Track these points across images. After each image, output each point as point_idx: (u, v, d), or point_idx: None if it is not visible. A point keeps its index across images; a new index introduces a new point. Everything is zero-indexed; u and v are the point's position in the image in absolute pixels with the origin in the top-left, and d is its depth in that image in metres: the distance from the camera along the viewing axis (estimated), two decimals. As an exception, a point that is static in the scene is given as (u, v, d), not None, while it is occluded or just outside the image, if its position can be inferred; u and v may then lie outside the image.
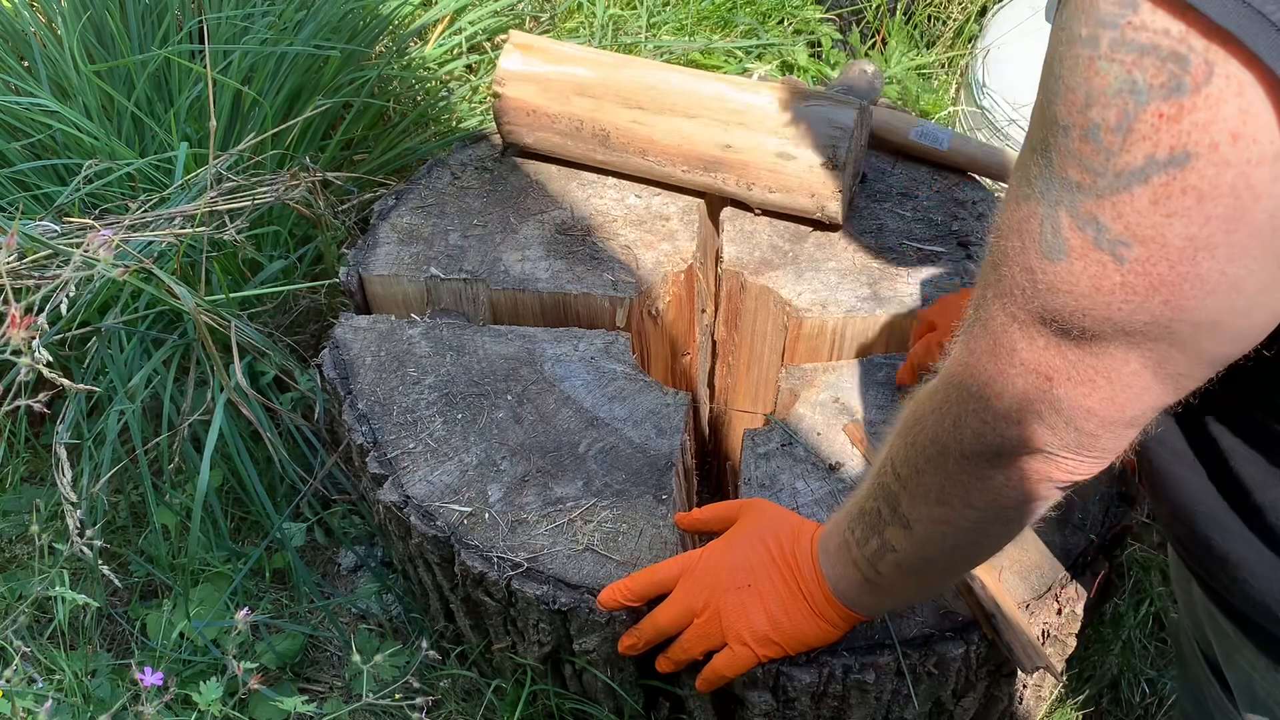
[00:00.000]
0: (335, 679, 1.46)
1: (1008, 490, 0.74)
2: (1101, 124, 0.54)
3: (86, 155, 1.65)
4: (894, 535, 0.84)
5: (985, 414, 0.70)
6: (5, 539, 1.59)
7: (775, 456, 1.17)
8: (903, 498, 0.81)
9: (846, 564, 0.90)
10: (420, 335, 1.29)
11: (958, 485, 0.76)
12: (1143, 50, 0.51)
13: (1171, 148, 0.52)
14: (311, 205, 1.54)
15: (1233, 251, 0.54)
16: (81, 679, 1.33)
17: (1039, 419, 0.67)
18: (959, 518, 0.78)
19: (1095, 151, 0.54)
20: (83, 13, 1.80)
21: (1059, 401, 0.65)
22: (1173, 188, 0.53)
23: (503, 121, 1.45)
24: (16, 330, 0.95)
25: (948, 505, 0.78)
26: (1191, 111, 0.51)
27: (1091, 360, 0.62)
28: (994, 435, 0.70)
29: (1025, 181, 0.60)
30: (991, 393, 0.69)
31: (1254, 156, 0.51)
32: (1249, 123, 0.50)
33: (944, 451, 0.75)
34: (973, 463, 0.73)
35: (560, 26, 2.40)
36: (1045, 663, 1.01)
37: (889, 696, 1.06)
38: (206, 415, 1.45)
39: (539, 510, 1.12)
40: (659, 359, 1.42)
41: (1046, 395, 0.66)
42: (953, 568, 0.90)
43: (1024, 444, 0.69)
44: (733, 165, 1.35)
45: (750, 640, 0.96)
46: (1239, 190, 0.52)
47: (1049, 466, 0.70)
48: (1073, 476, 0.71)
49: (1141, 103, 0.52)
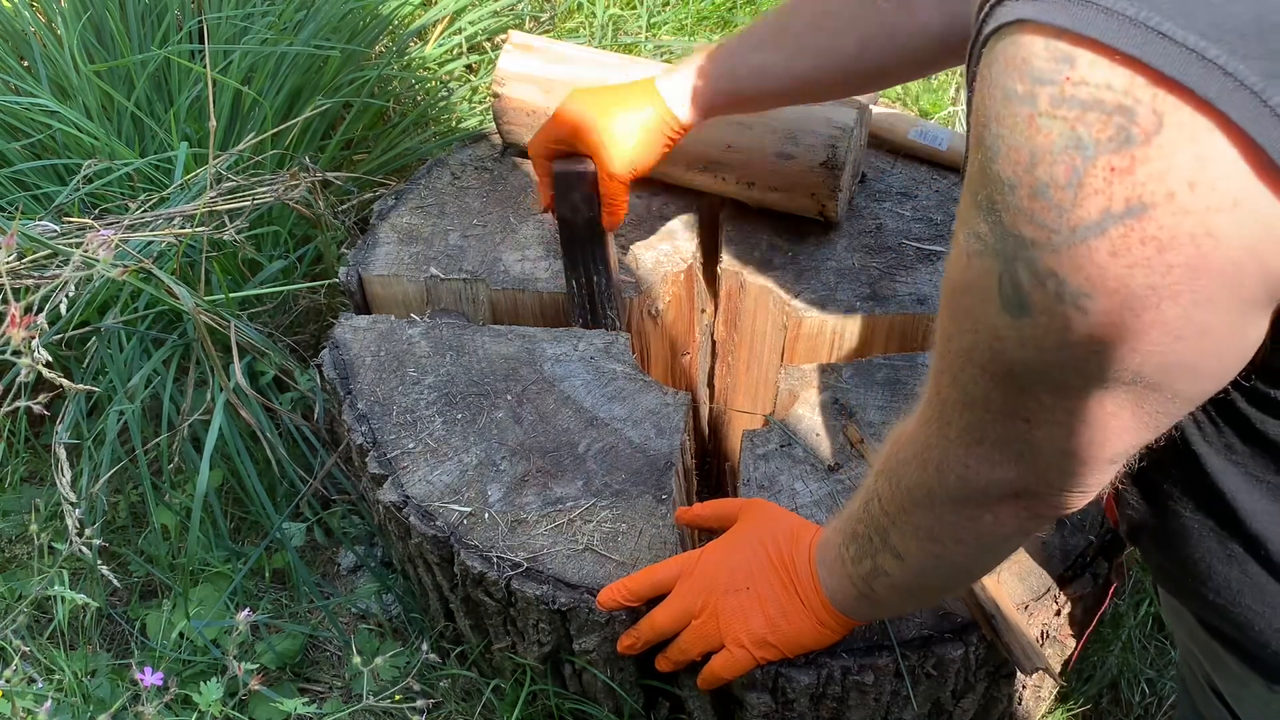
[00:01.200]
0: (335, 679, 1.46)
1: (996, 528, 0.75)
2: (1050, 181, 0.52)
3: (86, 155, 1.65)
4: (886, 562, 0.84)
5: (967, 459, 0.70)
6: (5, 539, 1.59)
7: (774, 457, 1.17)
8: (892, 532, 0.82)
9: (842, 577, 0.90)
10: (420, 335, 1.29)
11: (946, 525, 0.77)
12: (1085, 105, 0.50)
13: (1127, 200, 0.51)
14: (311, 205, 1.54)
15: (1198, 297, 0.53)
16: (81, 679, 1.33)
17: (1020, 461, 0.67)
18: (950, 553, 0.79)
19: (1046, 208, 0.53)
20: (83, 13, 1.80)
21: (1039, 444, 0.65)
22: (1131, 239, 0.51)
23: (502, 121, 1.45)
24: (16, 330, 0.95)
25: (938, 542, 0.79)
26: (1144, 163, 0.50)
27: (1066, 404, 0.62)
28: (977, 480, 0.71)
29: (975, 237, 0.59)
30: (971, 439, 0.69)
31: (1213, 203, 0.50)
32: (1206, 169, 0.49)
33: (930, 495, 0.75)
34: (959, 505, 0.74)
35: (560, 26, 2.40)
36: (1044, 664, 1.01)
37: (888, 698, 1.06)
38: (206, 415, 1.45)
39: (539, 510, 1.12)
40: (659, 359, 1.42)
41: (1025, 437, 0.65)
42: (947, 588, 0.92)
43: (1008, 486, 0.70)
44: (733, 165, 1.35)
45: (748, 643, 0.96)
46: (1199, 238, 0.50)
47: (1035, 504, 0.71)
48: (1060, 512, 0.72)
49: (1089, 157, 0.51)
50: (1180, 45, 0.47)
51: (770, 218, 1.40)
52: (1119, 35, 0.48)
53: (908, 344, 1.31)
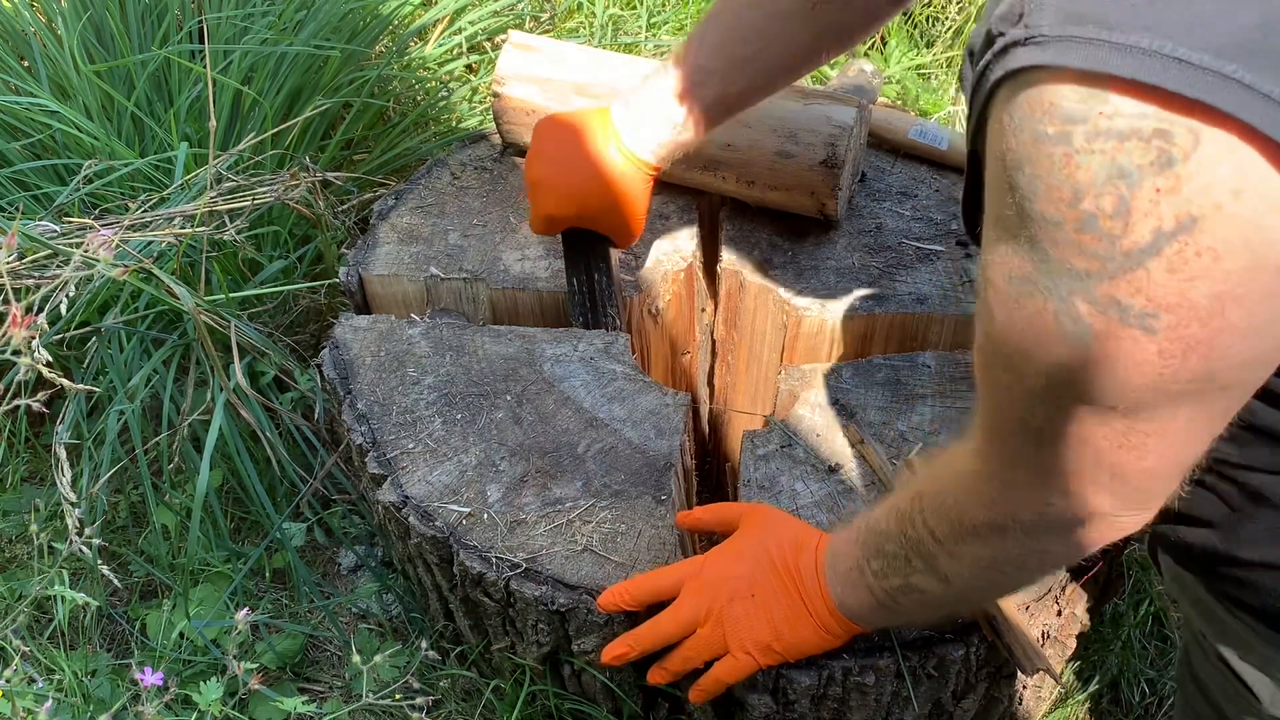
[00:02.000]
0: (335, 679, 1.46)
1: (1065, 553, 0.76)
2: (1097, 213, 0.54)
3: (86, 155, 1.65)
4: (924, 582, 0.84)
5: (1048, 498, 0.71)
6: (5, 539, 1.59)
7: (775, 458, 1.17)
8: (941, 558, 0.82)
9: (860, 588, 0.90)
10: (420, 335, 1.29)
11: (1013, 557, 0.77)
12: (1123, 136, 0.52)
13: (1177, 217, 0.52)
14: (311, 205, 1.54)
15: (1260, 296, 0.55)
16: (81, 679, 1.33)
17: (1099, 487, 0.68)
18: (1009, 579, 0.81)
19: (1097, 239, 0.55)
20: (83, 13, 1.80)
21: (1118, 469, 0.66)
22: (1187, 253, 0.53)
23: (502, 121, 1.45)
24: (17, 330, 0.95)
25: (998, 570, 0.80)
26: (1189, 180, 0.51)
27: (1142, 426, 0.63)
28: (1057, 515, 0.71)
29: (1019, 280, 0.60)
30: (1047, 478, 0.69)
31: (1260, 206, 0.52)
32: (1246, 175, 0.51)
33: (1002, 531, 0.76)
34: (1034, 538, 0.74)
35: (560, 26, 2.40)
36: (1045, 665, 1.01)
37: (889, 698, 1.06)
38: (206, 415, 1.45)
39: (538, 511, 1.12)
40: (659, 359, 1.42)
41: (1102, 464, 0.66)
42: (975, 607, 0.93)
43: (1087, 513, 0.70)
44: (733, 164, 1.34)
45: (753, 649, 0.96)
46: (1252, 241, 0.52)
47: (1107, 528, 0.72)
48: (1132, 530, 0.72)
49: (1134, 183, 0.52)
50: (1198, 68, 0.50)
51: (770, 217, 1.40)
52: (1139, 68, 0.50)
53: (908, 344, 1.31)
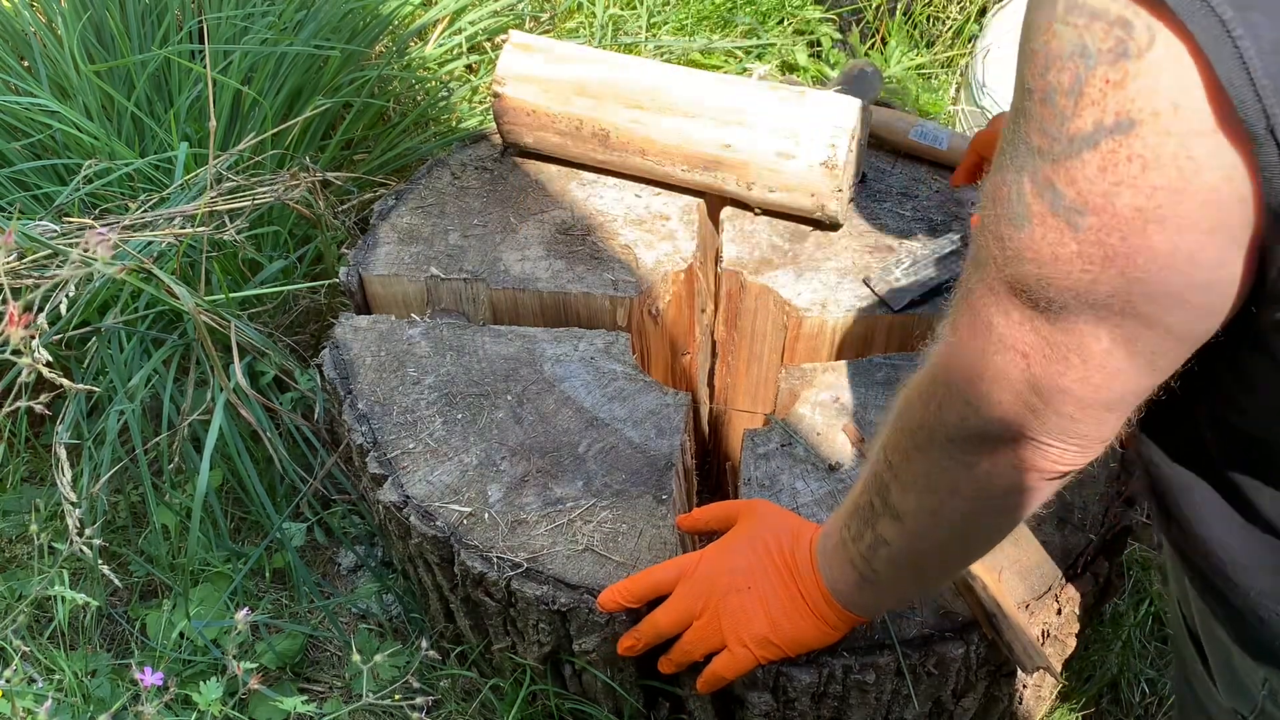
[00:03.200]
0: (335, 679, 1.46)
1: (994, 479, 0.73)
2: (1057, 87, 0.55)
3: (86, 155, 1.65)
4: (886, 528, 0.83)
5: (968, 394, 0.69)
6: (5, 539, 1.59)
7: (775, 456, 1.17)
8: (893, 487, 0.80)
9: (843, 562, 0.90)
10: (420, 335, 1.29)
11: (944, 473, 0.75)
12: (1093, 14, 0.53)
13: (1117, 113, 0.53)
14: (311, 205, 1.54)
15: (1182, 224, 0.55)
16: (81, 679, 1.33)
17: (1019, 400, 0.67)
18: (947, 508, 0.78)
19: (1052, 115, 0.56)
20: (83, 13, 1.80)
21: (1037, 381, 0.65)
22: (1119, 155, 0.54)
23: (503, 121, 1.45)
24: (16, 329, 0.95)
25: (935, 494, 0.77)
26: (1135, 77, 0.52)
27: (1063, 337, 0.62)
28: (976, 418, 0.70)
29: (1002, 149, 0.61)
30: (973, 372, 0.68)
31: (1194, 128, 0.52)
32: (1188, 92, 0.51)
33: (930, 437, 0.74)
34: (958, 448, 0.73)
35: (560, 26, 2.40)
36: (1045, 663, 1.01)
37: (889, 696, 1.06)
38: (206, 415, 1.45)
39: (539, 510, 1.12)
40: (659, 359, 1.42)
41: (1025, 374, 0.65)
42: (946, 563, 0.89)
43: (1006, 428, 0.69)
44: (733, 165, 1.35)
45: (750, 642, 0.96)
46: (1181, 161, 0.53)
47: (1034, 455, 0.70)
48: (1058, 466, 0.70)
49: (1090, 66, 0.53)
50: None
51: (770, 218, 1.40)
52: None
53: (908, 344, 1.31)
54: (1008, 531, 0.82)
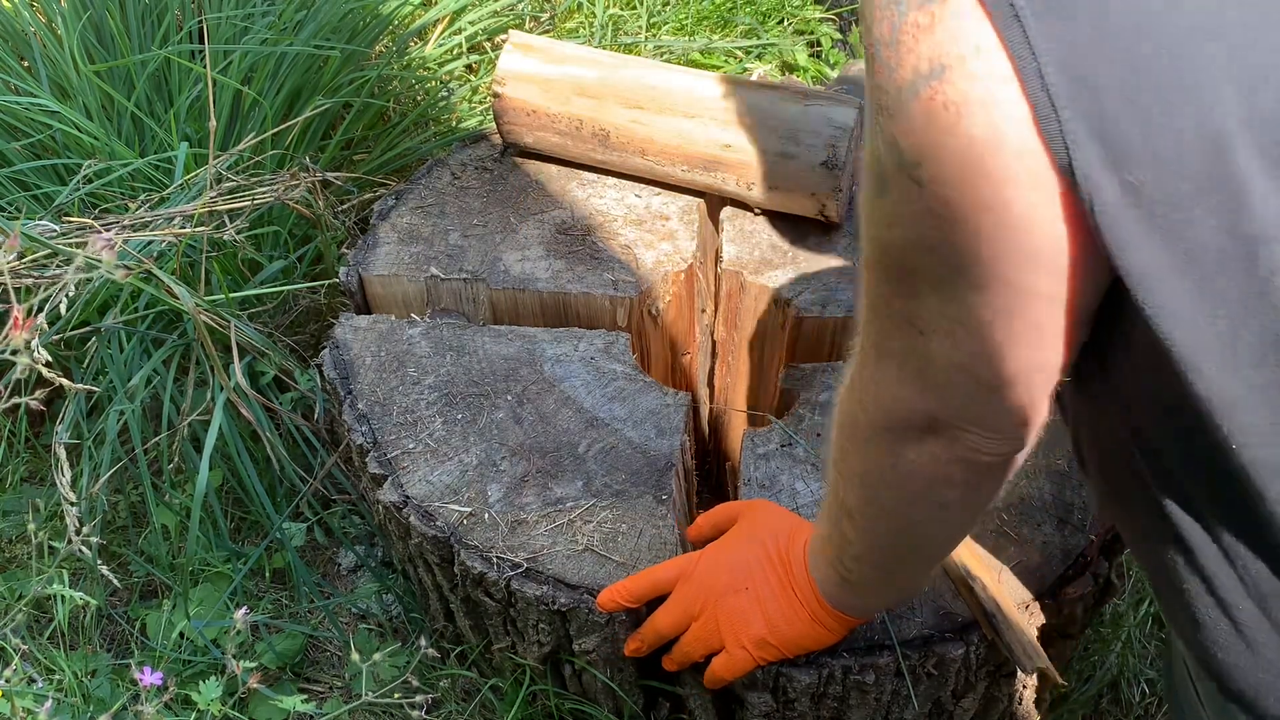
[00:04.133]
0: (335, 679, 1.46)
1: (919, 469, 0.71)
2: (880, 39, 0.54)
3: (86, 155, 1.65)
4: (847, 526, 0.82)
5: (879, 378, 0.68)
6: (5, 539, 1.59)
7: (775, 457, 1.17)
8: (841, 485, 0.79)
9: (825, 563, 0.89)
10: (420, 335, 1.29)
11: (874, 464, 0.74)
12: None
13: (930, 60, 0.52)
14: (311, 205, 1.54)
15: (1004, 177, 0.53)
16: (81, 679, 1.33)
17: (922, 379, 0.65)
18: (885, 502, 0.76)
19: (882, 69, 0.55)
20: (83, 13, 1.80)
21: (933, 358, 0.63)
22: (936, 103, 0.53)
23: (503, 121, 1.45)
24: (19, 332, 0.95)
25: (872, 488, 0.76)
26: (941, 21, 0.52)
27: (945, 308, 0.60)
28: (892, 405, 0.68)
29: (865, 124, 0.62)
30: (881, 354, 0.67)
31: (996, 71, 0.51)
32: (987, 38, 0.51)
33: (856, 428, 0.73)
34: (881, 438, 0.71)
35: (560, 26, 2.40)
36: (1045, 664, 1.01)
37: (888, 697, 1.06)
38: (206, 415, 1.45)
39: (539, 510, 1.12)
40: (659, 359, 1.42)
41: (922, 351, 0.63)
42: (905, 561, 0.85)
43: (920, 415, 0.67)
44: (733, 165, 1.35)
45: (748, 644, 0.95)
46: (989, 107, 0.52)
47: (954, 445, 0.68)
48: (981, 456, 0.68)
49: (903, 13, 0.53)
50: None
51: (770, 218, 1.40)
52: None
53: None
54: (959, 528, 0.79)
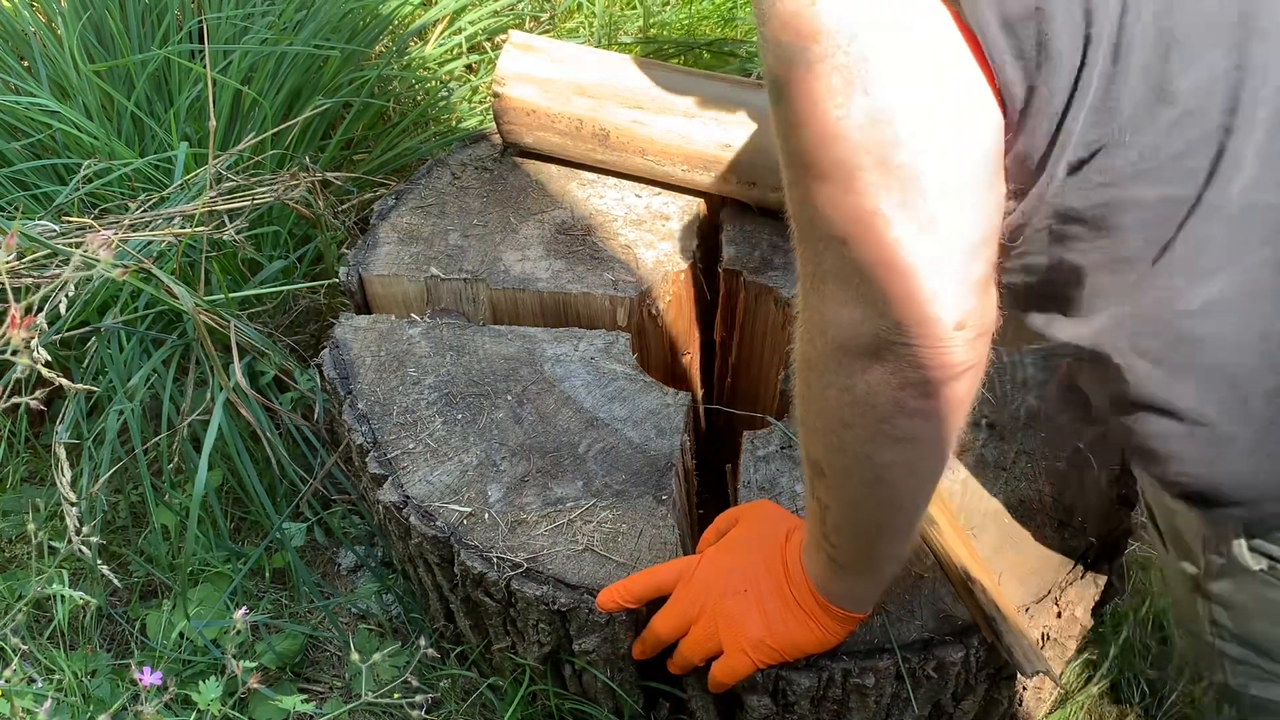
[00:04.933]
0: (335, 679, 1.46)
1: (872, 397, 0.70)
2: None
3: (86, 155, 1.65)
4: (820, 490, 0.81)
5: (821, 307, 0.69)
6: (5, 539, 1.59)
7: (775, 459, 1.17)
8: (807, 442, 0.79)
9: (813, 548, 0.89)
10: (420, 335, 1.29)
11: (830, 404, 0.74)
12: None
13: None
14: (311, 205, 1.54)
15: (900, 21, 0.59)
16: (81, 679, 1.33)
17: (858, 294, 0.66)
18: (846, 444, 0.75)
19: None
20: (83, 13, 1.80)
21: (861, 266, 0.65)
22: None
23: (502, 121, 1.45)
24: (17, 331, 0.95)
25: (832, 432, 0.75)
26: None
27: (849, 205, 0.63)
28: (837, 329, 0.69)
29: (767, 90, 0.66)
30: (818, 281, 0.68)
31: None
32: None
33: (810, 366, 0.73)
34: (831, 371, 0.71)
35: (560, 26, 2.40)
36: (1045, 666, 1.01)
37: (888, 700, 1.06)
38: (206, 415, 1.45)
39: (539, 510, 1.12)
40: (659, 359, 1.42)
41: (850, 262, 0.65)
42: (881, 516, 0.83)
43: (864, 334, 0.68)
44: (733, 164, 1.35)
45: (746, 647, 0.95)
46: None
47: (900, 365, 0.68)
48: (925, 371, 0.68)
49: None
50: None
51: (771, 218, 1.40)
52: None
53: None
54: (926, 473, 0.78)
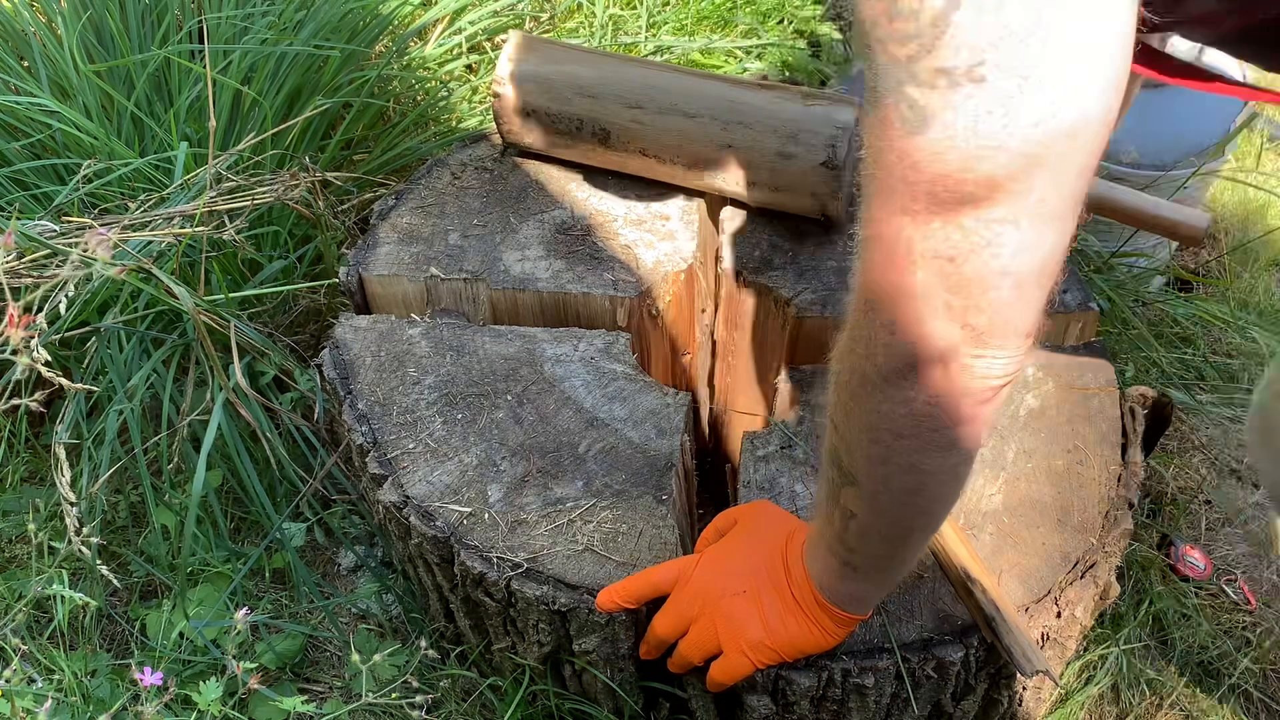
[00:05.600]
0: (335, 679, 1.46)
1: (930, 409, 0.72)
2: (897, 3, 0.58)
3: (86, 155, 1.65)
4: (848, 498, 0.82)
5: (894, 324, 0.69)
6: (5, 539, 1.59)
7: (775, 459, 1.17)
8: (842, 450, 0.80)
9: (824, 551, 0.89)
10: (420, 335, 1.29)
11: (883, 417, 0.74)
12: None
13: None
14: (311, 205, 1.54)
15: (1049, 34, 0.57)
16: (81, 679, 1.33)
17: (948, 311, 0.67)
18: (894, 455, 0.76)
19: (905, 20, 0.58)
20: (83, 13, 1.80)
21: (967, 282, 0.65)
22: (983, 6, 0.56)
23: (502, 121, 1.45)
24: (15, 330, 0.95)
25: (880, 443, 0.76)
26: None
27: (991, 214, 0.63)
28: (905, 343, 0.69)
29: (869, 95, 0.63)
30: (897, 297, 0.68)
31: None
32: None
33: (864, 380, 0.74)
34: (891, 385, 0.72)
35: (560, 26, 2.40)
36: (1045, 667, 1.01)
37: (888, 700, 1.06)
38: (206, 415, 1.45)
39: (539, 510, 1.12)
40: (659, 359, 1.42)
41: (953, 279, 0.65)
42: (912, 524, 0.84)
43: (935, 348, 0.68)
44: (733, 165, 1.34)
45: (745, 647, 0.95)
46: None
47: (963, 375, 0.69)
48: (987, 381, 0.70)
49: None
50: None
51: (771, 218, 1.40)
52: None
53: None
54: (960, 477, 0.80)
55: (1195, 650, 1.52)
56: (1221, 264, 2.08)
